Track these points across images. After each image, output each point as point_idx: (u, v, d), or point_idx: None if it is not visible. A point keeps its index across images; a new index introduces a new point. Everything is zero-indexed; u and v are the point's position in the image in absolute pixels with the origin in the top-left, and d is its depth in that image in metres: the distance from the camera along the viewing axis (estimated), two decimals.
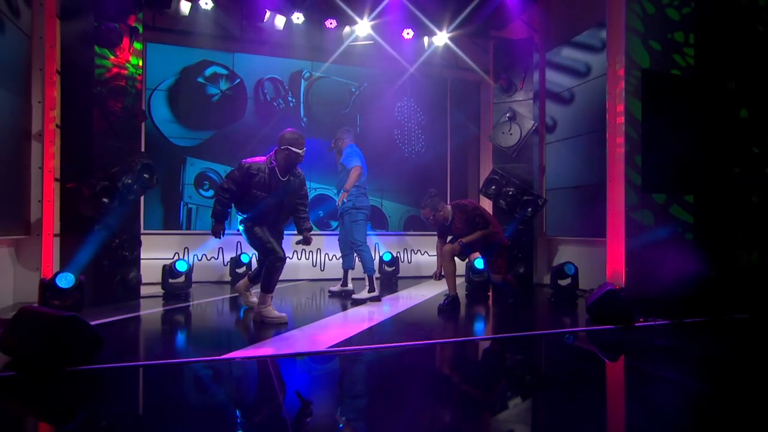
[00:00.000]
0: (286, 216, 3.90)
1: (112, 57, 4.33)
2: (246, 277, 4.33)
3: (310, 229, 3.94)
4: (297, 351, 2.82)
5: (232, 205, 3.71)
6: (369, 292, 4.69)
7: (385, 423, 1.93)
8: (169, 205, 6.18)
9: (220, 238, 3.71)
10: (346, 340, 3.06)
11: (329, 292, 5.21)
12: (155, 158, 5.76)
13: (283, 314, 3.62)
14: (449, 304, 4.09)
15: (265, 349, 2.87)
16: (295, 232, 3.97)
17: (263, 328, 3.40)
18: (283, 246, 3.77)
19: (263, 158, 3.74)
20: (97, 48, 4.20)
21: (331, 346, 2.89)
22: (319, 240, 6.64)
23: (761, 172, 5.38)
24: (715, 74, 5.09)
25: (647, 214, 4.78)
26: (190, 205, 6.25)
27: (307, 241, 3.91)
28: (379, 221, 7.04)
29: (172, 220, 6.18)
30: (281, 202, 3.73)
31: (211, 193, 6.28)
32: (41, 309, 2.63)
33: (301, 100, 6.80)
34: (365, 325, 3.54)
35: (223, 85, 6.45)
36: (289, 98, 6.76)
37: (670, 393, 2.34)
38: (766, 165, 5.42)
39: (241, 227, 3.70)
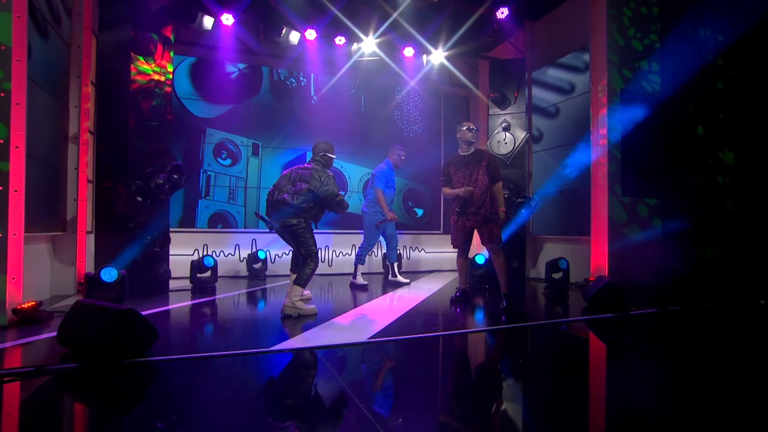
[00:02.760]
0: None
1: (147, 63, 4.14)
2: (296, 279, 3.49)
3: None
4: (343, 342, 2.70)
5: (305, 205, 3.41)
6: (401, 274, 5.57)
7: (441, 401, 1.86)
8: (189, 173, 5.91)
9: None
10: (381, 330, 2.97)
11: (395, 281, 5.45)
12: (177, 128, 5.60)
13: (314, 306, 3.50)
14: (461, 296, 4.03)
15: (311, 340, 2.76)
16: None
17: (297, 320, 3.27)
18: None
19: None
20: (134, 56, 4.00)
21: (371, 337, 2.79)
22: (328, 238, 6.52)
23: (714, 181, 5.58)
24: (678, 97, 5.26)
25: (626, 218, 4.90)
26: (209, 173, 6.05)
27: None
28: None
29: (192, 188, 5.91)
30: None
31: (228, 162, 6.14)
32: (97, 303, 2.45)
33: (312, 80, 6.69)
34: (392, 317, 3.43)
35: (241, 64, 6.29)
36: (301, 78, 6.65)
37: (667, 364, 2.35)
38: (718, 174, 5.62)
39: (303, 224, 3.41)
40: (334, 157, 3.74)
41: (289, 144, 6.42)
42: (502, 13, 5.51)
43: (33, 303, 3.04)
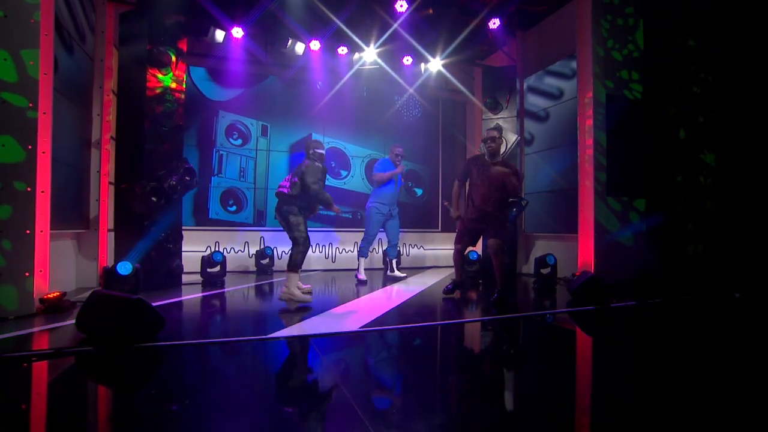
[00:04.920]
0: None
1: (162, 73, 4.29)
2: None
3: None
4: (336, 330, 2.79)
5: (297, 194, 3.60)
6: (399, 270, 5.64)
7: (427, 387, 1.94)
8: (203, 151, 6.11)
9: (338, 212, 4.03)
10: (373, 320, 3.06)
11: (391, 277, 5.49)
12: (192, 110, 5.81)
13: (309, 296, 3.61)
14: (452, 288, 4.08)
15: (306, 329, 2.85)
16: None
17: (296, 310, 3.37)
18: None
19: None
20: (150, 67, 4.15)
21: (363, 326, 2.88)
22: (331, 235, 6.62)
23: (696, 181, 5.56)
24: (659, 103, 5.25)
25: (611, 217, 4.91)
26: (221, 152, 6.22)
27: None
28: None
29: (205, 166, 6.09)
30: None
31: (239, 141, 6.30)
32: (111, 293, 2.57)
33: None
34: (385, 309, 3.51)
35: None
36: None
37: (642, 351, 2.39)
38: (699, 175, 5.59)
39: (295, 210, 3.60)
40: (322, 152, 3.83)
41: (296, 125, 6.57)
42: (494, 23, 5.55)
43: (58, 293, 3.19)
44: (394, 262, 5.58)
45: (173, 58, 4.37)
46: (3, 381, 1.94)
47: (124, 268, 3.48)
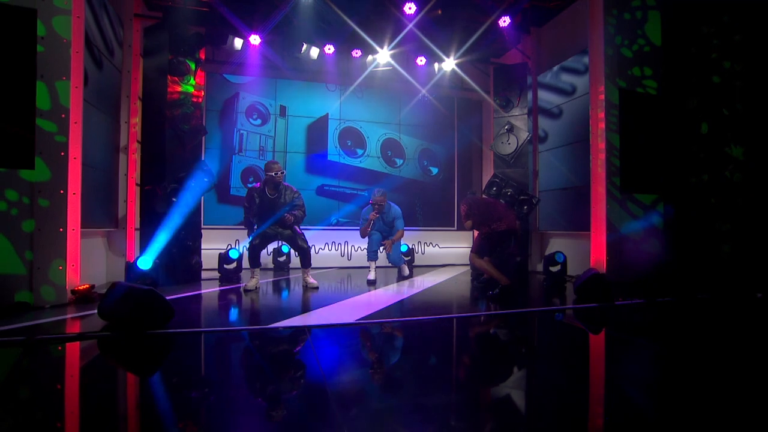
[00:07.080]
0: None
1: (183, 81, 4.61)
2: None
3: (292, 218, 4.29)
4: (331, 322, 2.95)
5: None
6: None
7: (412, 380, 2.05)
8: (225, 131, 6.48)
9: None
10: (370, 314, 3.19)
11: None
12: (214, 91, 6.25)
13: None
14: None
15: (305, 320, 3.02)
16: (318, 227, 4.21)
17: (300, 303, 3.55)
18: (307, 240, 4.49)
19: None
20: (171, 76, 4.47)
21: (359, 319, 3.02)
22: (347, 233, 6.80)
23: (721, 177, 5.30)
24: (678, 96, 5.05)
25: (625, 216, 4.80)
26: (241, 131, 6.55)
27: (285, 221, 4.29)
28: (397, 152, 7.26)
29: (227, 146, 6.44)
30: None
31: (259, 121, 6.63)
32: (127, 284, 2.83)
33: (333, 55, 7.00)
34: (385, 304, 3.64)
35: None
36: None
37: (640, 354, 2.38)
38: (725, 170, 5.34)
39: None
40: (270, 173, 4.20)
41: (313, 106, 6.86)
42: (504, 21, 5.54)
43: (87, 286, 3.53)
44: (404, 267, 5.62)
45: (193, 67, 4.68)
46: (38, 360, 2.23)
47: (144, 262, 3.79)
